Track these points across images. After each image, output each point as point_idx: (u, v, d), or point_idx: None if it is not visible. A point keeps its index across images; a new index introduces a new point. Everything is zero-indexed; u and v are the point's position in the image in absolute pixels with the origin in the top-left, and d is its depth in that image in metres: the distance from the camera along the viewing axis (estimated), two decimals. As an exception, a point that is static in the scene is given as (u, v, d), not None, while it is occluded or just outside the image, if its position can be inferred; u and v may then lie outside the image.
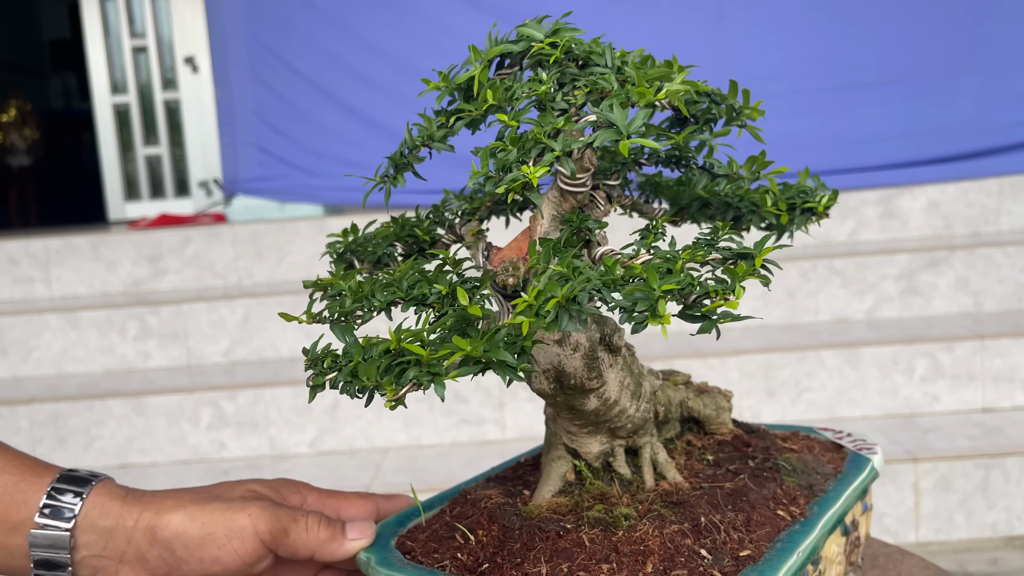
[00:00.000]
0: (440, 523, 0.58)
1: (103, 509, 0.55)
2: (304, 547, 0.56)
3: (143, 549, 0.54)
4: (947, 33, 3.07)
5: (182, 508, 0.55)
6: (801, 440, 0.69)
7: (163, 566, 0.54)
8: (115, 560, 0.55)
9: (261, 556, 0.55)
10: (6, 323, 2.74)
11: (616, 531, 0.53)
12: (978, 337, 2.43)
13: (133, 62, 4.58)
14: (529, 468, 0.67)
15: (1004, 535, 2.19)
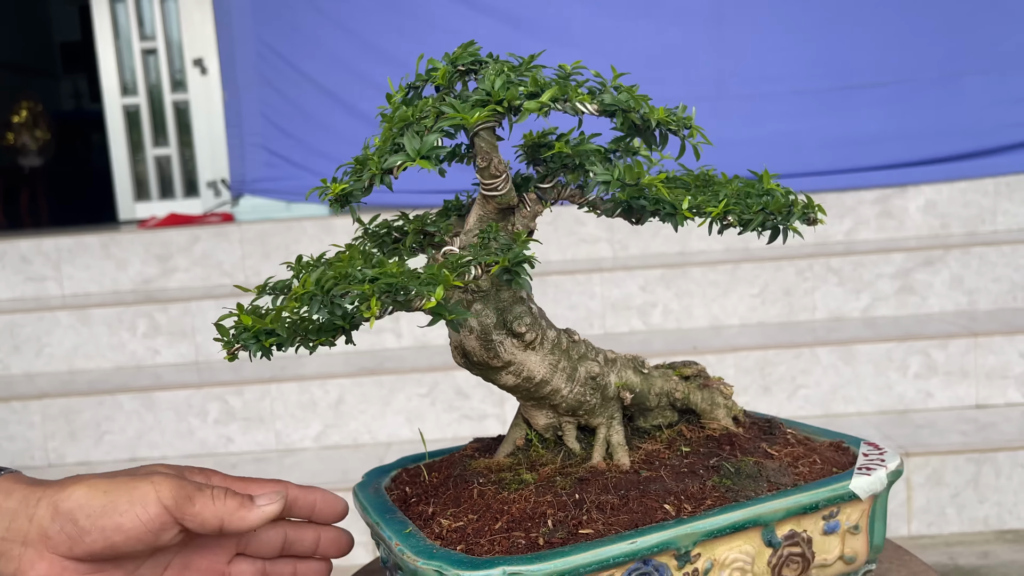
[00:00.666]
0: (424, 468, 0.70)
1: (7, 492, 0.54)
2: (212, 515, 0.55)
3: (45, 525, 0.53)
4: (944, 35, 3.11)
5: (84, 482, 0.55)
6: (803, 446, 0.69)
7: (66, 541, 0.53)
8: (18, 542, 0.54)
9: (164, 523, 0.54)
10: (19, 320, 2.81)
11: (504, 491, 0.60)
12: (972, 335, 2.46)
13: (143, 64, 4.65)
14: None
15: (995, 529, 2.23)
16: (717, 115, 3.12)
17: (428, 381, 2.51)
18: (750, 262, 2.76)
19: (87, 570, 0.55)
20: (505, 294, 0.64)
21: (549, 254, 3.07)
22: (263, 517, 0.57)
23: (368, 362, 2.65)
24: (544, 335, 0.63)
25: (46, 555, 0.54)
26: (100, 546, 0.53)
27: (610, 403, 0.65)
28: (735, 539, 0.58)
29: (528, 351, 0.63)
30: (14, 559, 0.54)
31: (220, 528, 0.56)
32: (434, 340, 2.81)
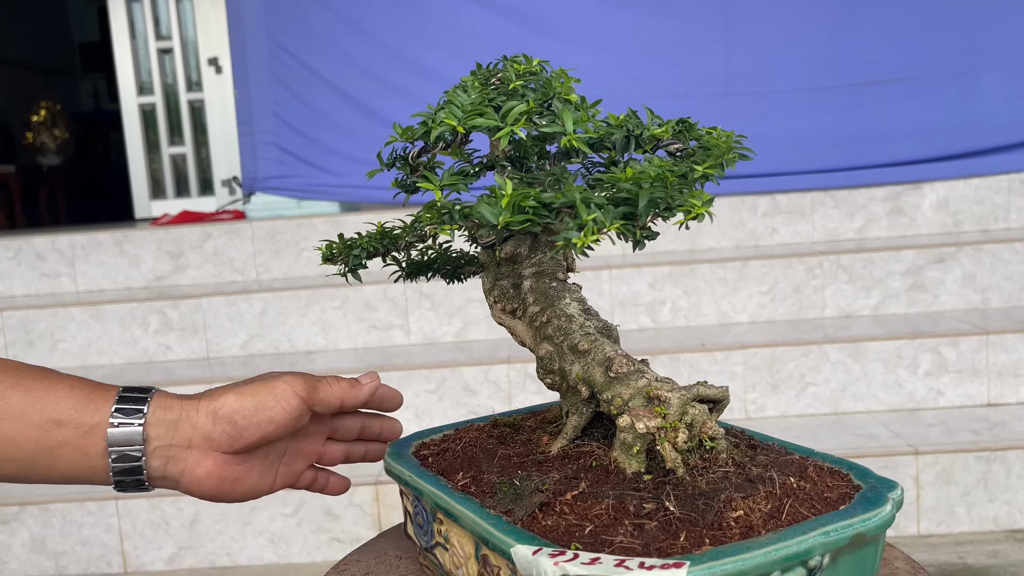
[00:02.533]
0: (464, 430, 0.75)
1: (166, 406, 0.64)
2: (334, 397, 0.69)
3: (208, 429, 0.64)
4: (955, 31, 3.08)
5: (232, 391, 0.66)
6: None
7: (227, 439, 0.64)
8: (183, 447, 0.64)
9: (303, 411, 0.67)
10: (33, 316, 2.84)
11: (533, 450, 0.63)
12: (983, 332, 2.44)
13: (158, 63, 4.69)
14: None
15: (1005, 528, 2.21)
16: (727, 112, 3.11)
17: (436, 377, 2.52)
18: (759, 259, 2.75)
19: (239, 461, 0.67)
20: (505, 268, 0.68)
21: (558, 251, 3.07)
22: (371, 391, 0.72)
23: (376, 358, 2.66)
24: (525, 309, 0.66)
25: (210, 453, 0.65)
26: (256, 438, 0.65)
27: (574, 393, 0.65)
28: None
29: (515, 319, 0.68)
30: (181, 460, 0.64)
31: (341, 405, 0.70)
32: (442, 337, 2.82)
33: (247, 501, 0.71)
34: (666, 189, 0.53)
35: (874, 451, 2.20)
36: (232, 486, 0.67)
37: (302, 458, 0.74)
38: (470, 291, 2.80)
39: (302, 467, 0.74)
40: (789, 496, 0.52)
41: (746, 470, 0.54)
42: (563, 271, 0.68)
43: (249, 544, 2.30)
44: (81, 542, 2.29)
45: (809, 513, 0.50)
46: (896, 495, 0.53)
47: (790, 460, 0.57)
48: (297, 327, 2.82)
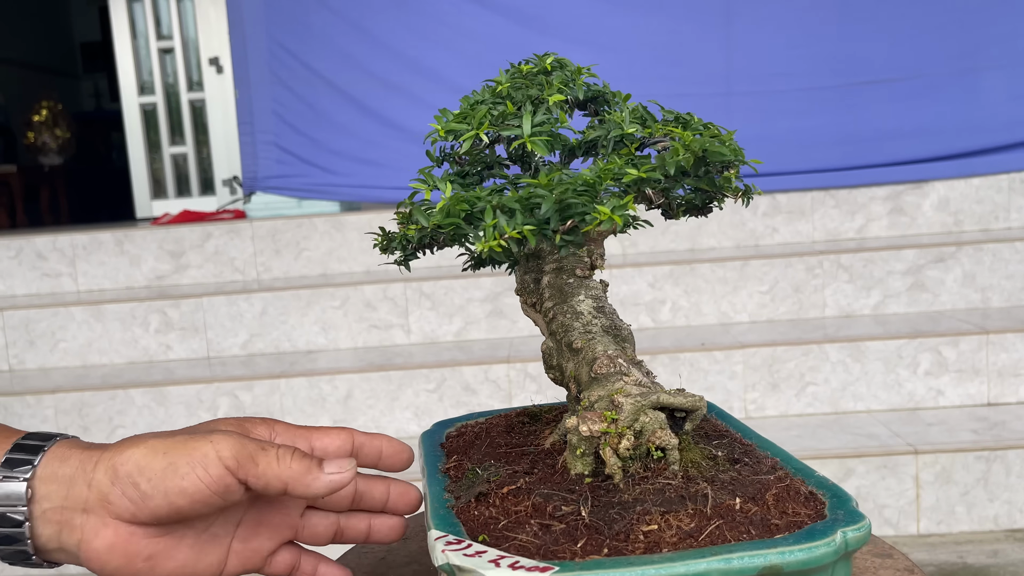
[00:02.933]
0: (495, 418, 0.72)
1: (63, 457, 0.51)
2: (276, 478, 0.51)
3: (105, 490, 0.50)
4: (956, 30, 3.08)
5: (143, 443, 0.52)
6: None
7: (128, 506, 0.51)
8: (78, 511, 0.51)
9: (228, 485, 0.51)
10: (34, 316, 2.84)
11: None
12: (983, 332, 2.44)
13: (160, 63, 4.70)
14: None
15: (1005, 528, 2.21)
16: (727, 112, 3.11)
17: (436, 377, 2.52)
18: (760, 259, 2.75)
19: (155, 533, 0.52)
20: (532, 263, 0.68)
21: (559, 251, 3.08)
22: (330, 486, 0.52)
23: (377, 357, 2.66)
24: (542, 304, 0.67)
25: (109, 522, 0.51)
26: (164, 511, 0.51)
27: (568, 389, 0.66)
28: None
29: (537, 313, 0.68)
30: (76, 528, 0.51)
31: (284, 491, 0.52)
32: (443, 336, 2.82)
33: None
34: (579, 195, 0.53)
35: (874, 451, 2.20)
36: (147, 566, 0.52)
37: (267, 533, 0.57)
38: (470, 291, 2.80)
39: (271, 544, 0.58)
40: (722, 517, 0.48)
41: (691, 484, 0.52)
42: (584, 268, 0.67)
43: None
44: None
45: (733, 537, 0.46)
46: (853, 533, 0.46)
47: (757, 480, 0.52)
48: (298, 327, 2.83)
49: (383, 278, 2.88)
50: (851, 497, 0.51)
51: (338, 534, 0.60)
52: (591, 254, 0.67)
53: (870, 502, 2.20)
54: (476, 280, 2.80)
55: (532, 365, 2.49)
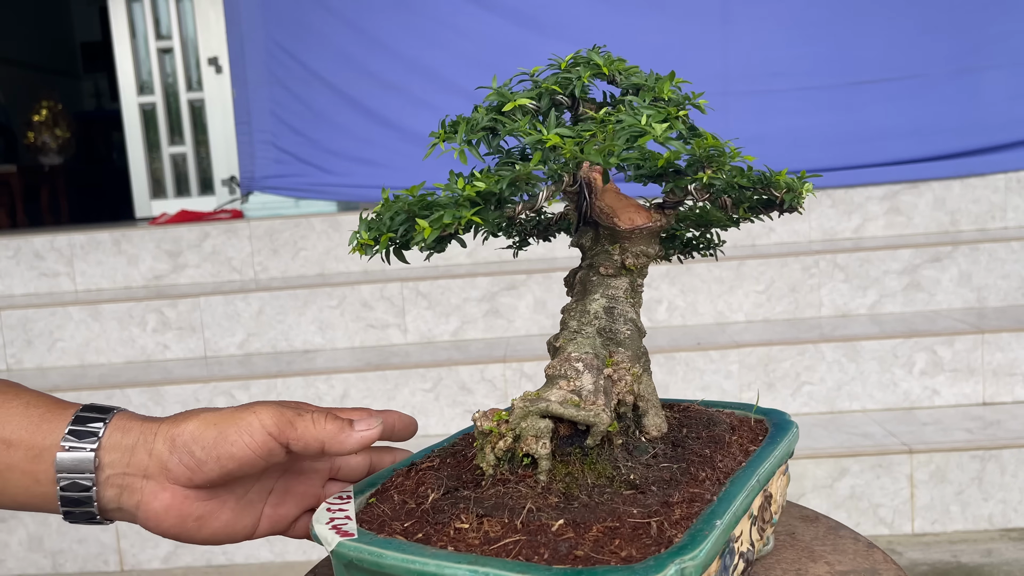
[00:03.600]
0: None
1: (124, 429, 0.58)
2: (313, 438, 0.58)
3: (164, 458, 0.57)
4: (954, 30, 3.08)
5: (196, 417, 0.58)
6: None
7: (185, 472, 0.57)
8: (139, 476, 0.57)
9: (271, 448, 0.57)
10: (32, 315, 2.85)
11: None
12: (978, 331, 2.44)
13: (159, 63, 4.71)
14: None
15: (1000, 527, 2.22)
16: (724, 112, 3.11)
17: (432, 376, 2.52)
18: (756, 258, 2.75)
19: (204, 497, 0.59)
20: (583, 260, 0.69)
21: (556, 250, 3.08)
22: (361, 441, 0.59)
23: (373, 357, 2.67)
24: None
25: (167, 486, 0.58)
26: (216, 474, 0.57)
27: None
28: None
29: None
30: (137, 491, 0.58)
31: (322, 450, 0.58)
32: (439, 336, 2.82)
33: (222, 544, 0.64)
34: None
35: (868, 450, 2.20)
36: (196, 525, 0.59)
37: (294, 500, 0.65)
38: (467, 290, 2.81)
39: (295, 511, 0.65)
40: (529, 534, 0.48)
41: (543, 497, 0.52)
42: (609, 266, 0.66)
43: (244, 544, 2.30)
44: (78, 540, 2.30)
45: (525, 555, 0.47)
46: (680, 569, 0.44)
47: (623, 512, 0.51)
48: (295, 326, 2.83)
49: (380, 278, 2.88)
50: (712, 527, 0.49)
51: None
52: (623, 252, 0.66)
53: (864, 501, 2.21)
54: (473, 280, 2.81)
55: (528, 365, 2.49)
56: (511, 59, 3.17)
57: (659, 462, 0.58)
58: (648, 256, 0.66)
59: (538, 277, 2.79)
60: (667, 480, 0.55)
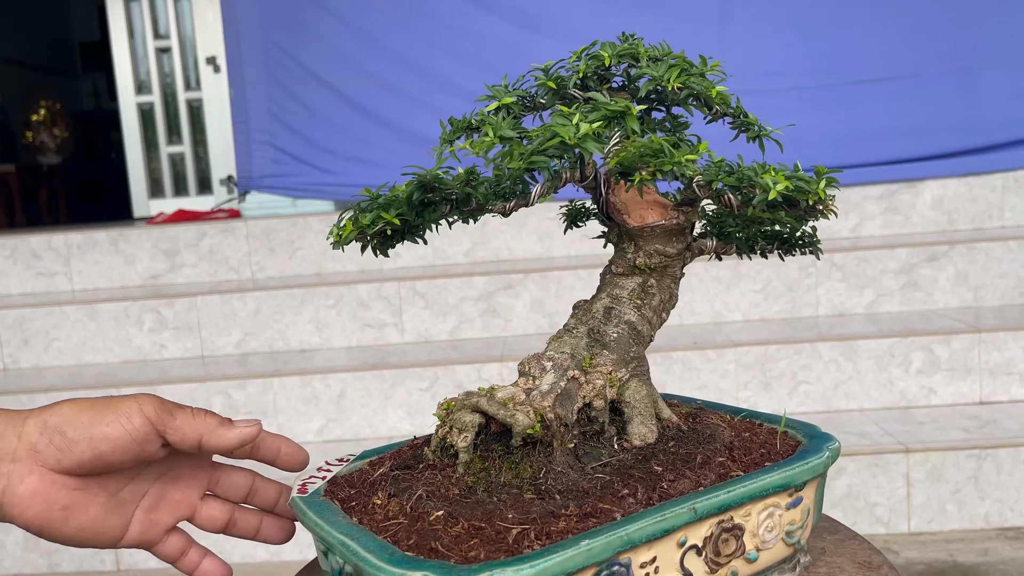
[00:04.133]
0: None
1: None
2: (192, 430, 0.58)
3: (34, 439, 0.56)
4: (952, 29, 3.08)
5: (71, 401, 0.58)
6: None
7: (55, 453, 0.56)
8: (6, 460, 0.56)
9: (148, 434, 0.57)
10: (29, 315, 2.85)
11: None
12: (975, 331, 2.44)
13: (157, 62, 4.70)
14: None
15: (996, 526, 2.21)
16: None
17: (429, 375, 2.52)
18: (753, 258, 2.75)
19: (74, 485, 0.58)
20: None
21: (553, 249, 3.08)
22: (240, 437, 0.59)
23: (370, 356, 2.66)
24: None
25: (35, 469, 0.56)
26: (88, 456, 0.56)
27: None
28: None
29: None
30: (3, 476, 0.56)
31: (199, 443, 0.58)
32: (436, 335, 2.82)
33: (89, 546, 0.60)
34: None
35: (865, 449, 2.20)
36: (63, 516, 0.57)
37: (169, 508, 0.63)
38: (464, 290, 2.81)
39: (168, 520, 0.63)
40: (407, 518, 0.52)
41: (445, 485, 0.56)
42: (620, 265, 0.65)
43: (240, 542, 2.30)
44: (74, 540, 2.30)
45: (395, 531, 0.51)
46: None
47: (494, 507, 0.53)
48: (291, 325, 2.83)
49: (377, 277, 2.88)
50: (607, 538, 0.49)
51: (231, 524, 0.66)
52: (637, 251, 0.64)
53: (861, 500, 2.21)
54: (470, 279, 2.80)
55: (524, 364, 2.49)
56: (509, 59, 3.17)
57: (600, 472, 0.57)
58: (665, 256, 0.64)
59: (535, 277, 2.79)
60: (583, 491, 0.54)
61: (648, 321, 0.66)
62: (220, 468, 0.66)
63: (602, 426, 0.61)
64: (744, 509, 0.56)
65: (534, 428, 0.56)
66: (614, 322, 0.64)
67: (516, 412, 0.56)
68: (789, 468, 0.57)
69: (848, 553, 0.65)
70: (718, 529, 0.54)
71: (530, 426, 0.56)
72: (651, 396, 0.64)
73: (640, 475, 0.56)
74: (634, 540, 0.50)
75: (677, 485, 0.55)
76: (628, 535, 0.50)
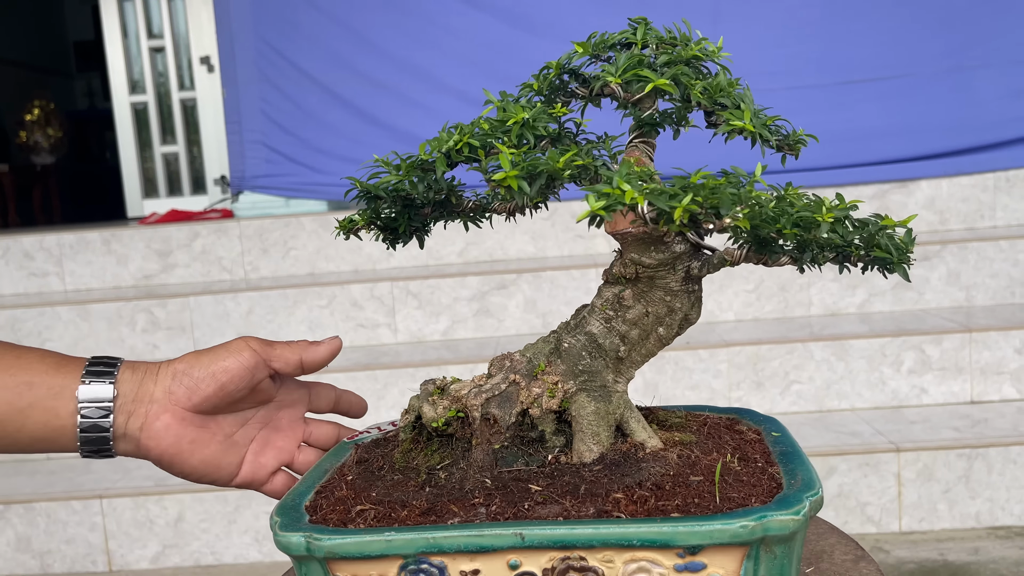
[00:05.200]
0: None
1: (133, 368, 0.69)
2: (292, 352, 0.71)
3: (167, 383, 0.68)
4: (943, 29, 3.09)
5: (193, 352, 0.70)
6: None
7: (185, 392, 0.68)
8: (145, 401, 0.67)
9: (257, 363, 0.69)
10: (21, 315, 2.84)
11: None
12: (966, 330, 2.45)
13: (151, 62, 4.70)
14: None
15: (987, 525, 2.22)
16: (714, 110, 3.12)
17: (422, 376, 2.52)
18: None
19: (199, 423, 0.69)
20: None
21: (547, 249, 3.08)
22: (330, 349, 0.73)
23: (363, 357, 2.66)
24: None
25: (169, 407, 0.67)
26: (212, 389, 0.68)
27: None
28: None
29: None
30: (142, 415, 0.67)
31: (300, 362, 0.71)
32: (429, 335, 2.82)
33: (209, 482, 0.71)
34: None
35: (856, 449, 2.20)
36: (190, 448, 0.69)
37: (273, 453, 0.74)
38: (457, 290, 2.81)
39: (274, 463, 0.74)
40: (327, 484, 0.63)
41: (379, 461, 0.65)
42: (607, 273, 0.63)
43: (234, 542, 2.30)
44: (66, 541, 2.29)
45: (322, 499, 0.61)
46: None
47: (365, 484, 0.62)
48: (284, 326, 2.83)
49: (370, 277, 2.88)
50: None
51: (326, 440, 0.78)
52: (619, 259, 0.61)
53: (852, 500, 2.21)
54: (463, 279, 2.81)
55: (517, 364, 2.49)
56: (502, 59, 3.17)
57: (497, 479, 0.58)
58: (641, 265, 0.59)
59: (528, 277, 2.79)
60: (460, 490, 0.58)
61: (619, 335, 0.62)
62: (312, 423, 0.77)
63: (541, 434, 0.60)
64: (602, 553, 0.51)
65: (438, 422, 0.62)
66: (576, 332, 0.63)
67: (433, 405, 0.62)
68: (667, 524, 0.50)
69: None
70: (563, 564, 0.51)
71: (434, 420, 0.62)
72: (600, 413, 0.61)
73: (516, 490, 0.56)
74: (443, 546, 0.51)
75: (542, 508, 0.54)
76: (435, 540, 0.51)
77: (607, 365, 0.62)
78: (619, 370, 0.63)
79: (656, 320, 0.62)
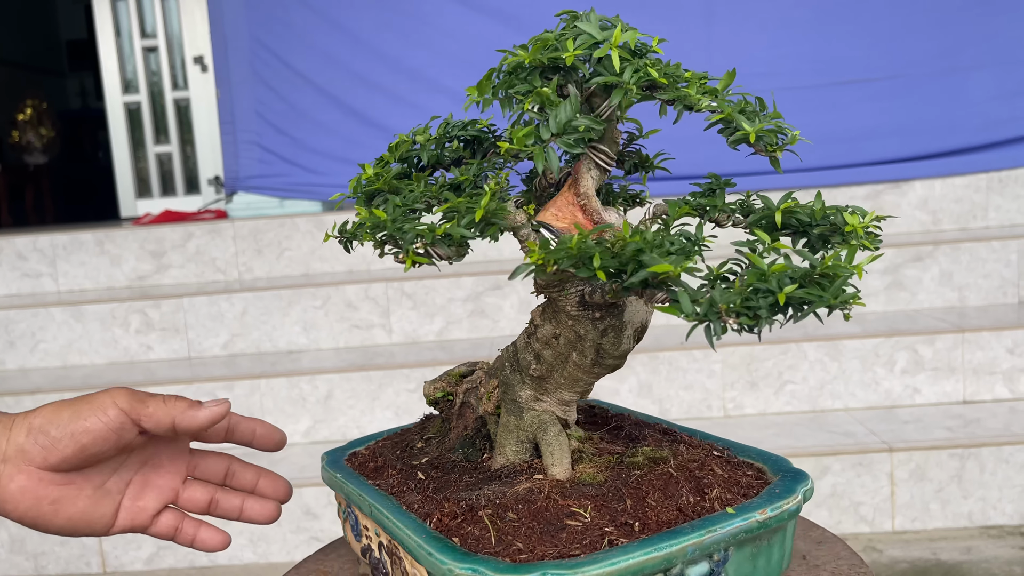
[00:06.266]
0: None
1: None
2: (164, 414, 0.62)
3: (21, 441, 0.60)
4: (934, 30, 3.10)
5: (52, 404, 0.62)
6: None
7: (40, 451, 0.60)
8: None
9: (123, 423, 0.61)
10: (14, 316, 2.84)
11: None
12: (959, 331, 2.46)
13: (144, 61, 4.68)
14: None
15: (979, 524, 2.23)
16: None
17: (417, 376, 2.52)
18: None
19: (61, 481, 0.62)
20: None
21: (540, 250, 3.08)
22: (210, 416, 0.63)
23: (358, 357, 2.66)
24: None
25: (23, 468, 0.60)
26: (71, 450, 0.60)
27: None
28: None
29: None
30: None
31: (173, 425, 0.63)
32: (424, 336, 2.82)
33: (81, 535, 0.65)
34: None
35: (849, 448, 2.21)
36: (52, 509, 0.62)
37: (153, 494, 0.67)
38: (452, 290, 2.81)
39: (154, 505, 0.67)
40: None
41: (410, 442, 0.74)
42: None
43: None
44: (60, 542, 2.29)
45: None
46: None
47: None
48: (279, 327, 2.83)
49: (365, 278, 2.88)
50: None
51: (213, 505, 0.70)
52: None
53: (845, 499, 2.22)
54: (458, 280, 2.81)
55: (512, 364, 2.50)
56: (495, 58, 3.17)
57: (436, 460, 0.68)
58: (537, 282, 0.58)
59: (523, 277, 2.79)
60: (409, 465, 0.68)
61: (533, 353, 0.60)
62: (197, 454, 0.69)
63: (486, 432, 0.64)
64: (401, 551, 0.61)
65: (429, 398, 0.70)
66: (512, 342, 0.63)
67: (431, 384, 0.68)
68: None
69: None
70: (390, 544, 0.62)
71: (427, 395, 0.69)
72: (508, 427, 0.61)
73: (424, 477, 0.65)
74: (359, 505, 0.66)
75: (409, 495, 0.63)
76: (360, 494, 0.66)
77: (522, 380, 0.61)
78: (543, 389, 0.61)
79: (568, 344, 0.59)
